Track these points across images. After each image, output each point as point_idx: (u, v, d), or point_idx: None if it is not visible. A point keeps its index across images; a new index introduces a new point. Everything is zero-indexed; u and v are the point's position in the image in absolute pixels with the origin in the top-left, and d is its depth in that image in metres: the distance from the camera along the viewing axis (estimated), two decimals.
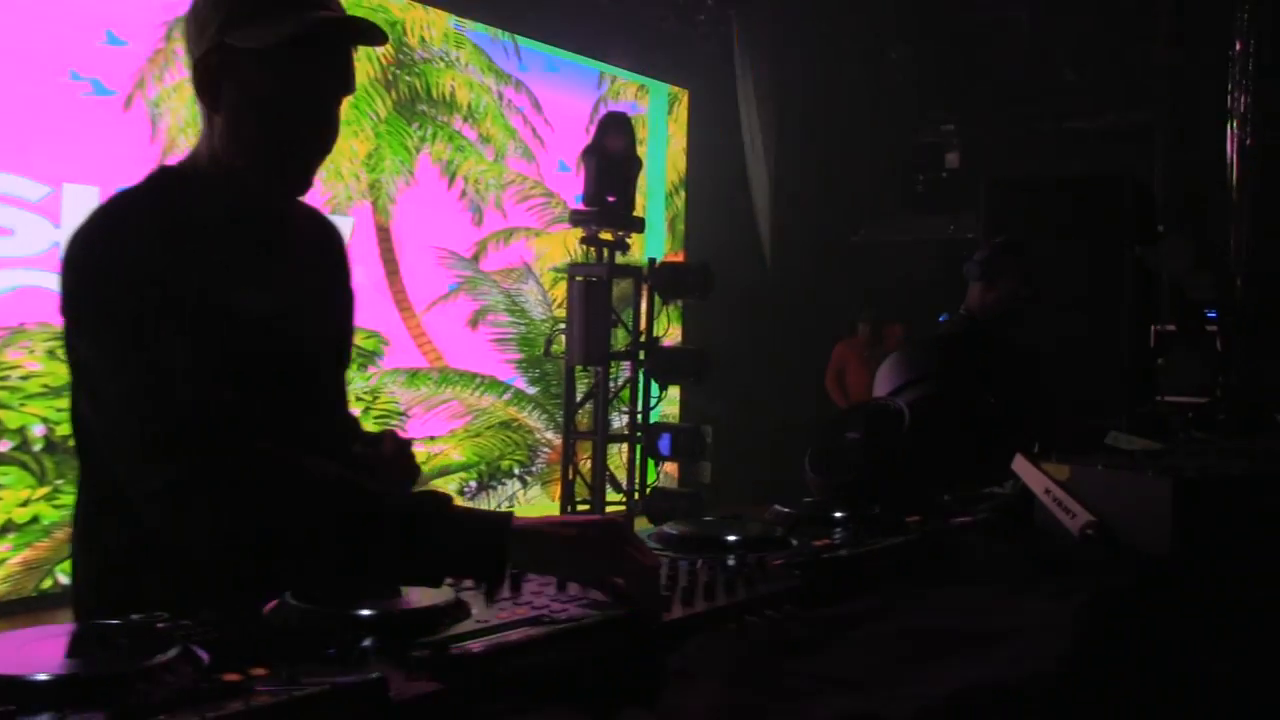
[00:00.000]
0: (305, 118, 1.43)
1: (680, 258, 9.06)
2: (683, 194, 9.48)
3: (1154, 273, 6.85)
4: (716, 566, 1.39)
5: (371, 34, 1.44)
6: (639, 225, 6.48)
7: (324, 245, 1.64)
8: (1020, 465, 1.83)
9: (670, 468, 8.62)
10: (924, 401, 2.32)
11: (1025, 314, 3.91)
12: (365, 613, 1.06)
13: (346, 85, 1.46)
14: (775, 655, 1.14)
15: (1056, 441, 2.34)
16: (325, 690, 0.82)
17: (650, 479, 6.87)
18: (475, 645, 0.96)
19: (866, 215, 10.56)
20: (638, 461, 6.58)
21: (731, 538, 1.54)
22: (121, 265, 1.31)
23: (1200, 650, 1.30)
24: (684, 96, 9.52)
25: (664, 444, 6.38)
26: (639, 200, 6.61)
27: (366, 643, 0.97)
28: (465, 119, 7.47)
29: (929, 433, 2.23)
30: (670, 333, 8.96)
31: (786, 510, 1.77)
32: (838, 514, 1.75)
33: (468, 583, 1.21)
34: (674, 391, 8.73)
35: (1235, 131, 8.59)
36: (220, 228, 1.42)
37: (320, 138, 1.45)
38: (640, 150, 8.47)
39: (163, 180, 1.46)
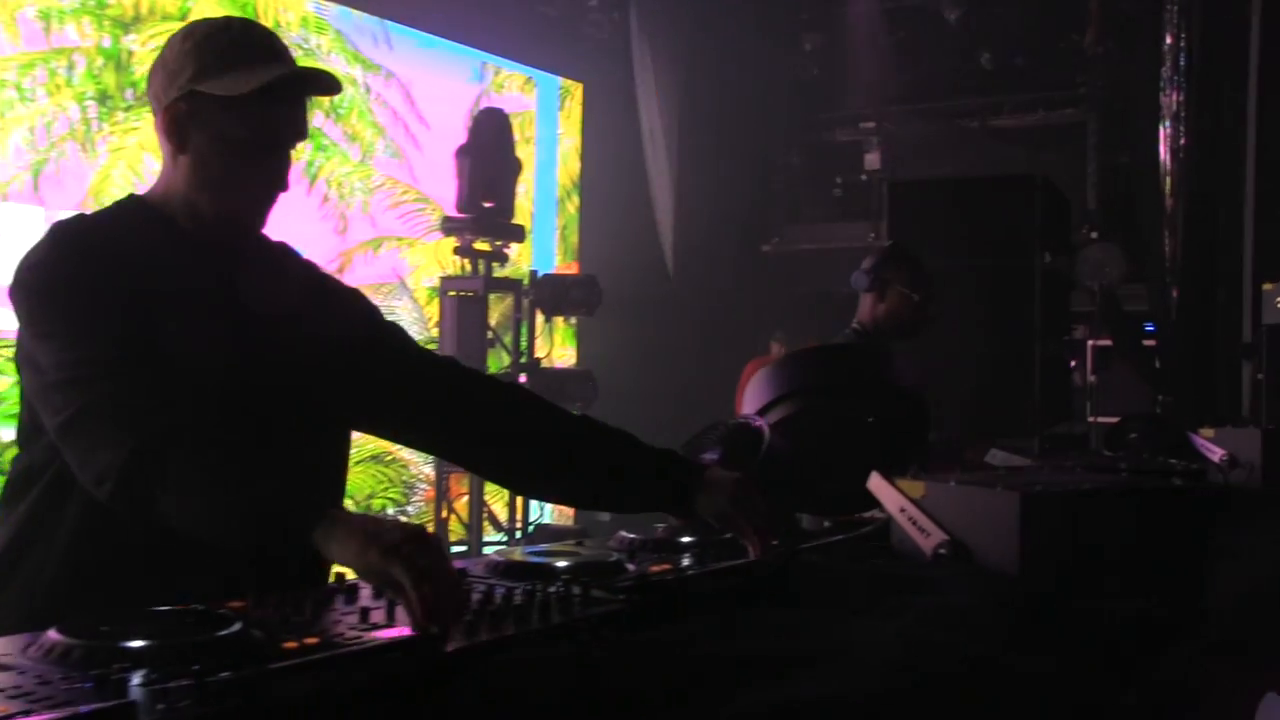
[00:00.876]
0: (266, 160, 1.78)
1: (574, 269, 9.16)
2: (575, 199, 9.59)
3: (1073, 282, 7.13)
4: (537, 593, 1.47)
5: (330, 85, 1.79)
6: (518, 234, 6.55)
7: (282, 274, 1.93)
8: (876, 484, 1.95)
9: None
10: (792, 420, 2.43)
11: (921, 327, 4.08)
12: (134, 644, 1.12)
13: (302, 132, 1.83)
14: (583, 679, 1.22)
15: (934, 460, 2.47)
16: (67, 717, 0.88)
17: (536, 516, 6.93)
18: (238, 674, 1.02)
19: (780, 222, 10.79)
20: (520, 497, 6.63)
21: (560, 564, 1.63)
22: (69, 270, 1.66)
23: (1033, 668, 1.42)
24: (577, 90, 9.63)
25: None
26: (525, 206, 6.70)
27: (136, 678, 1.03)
28: (327, 115, 7.49)
29: (797, 453, 2.33)
30: (563, 354, 9.04)
31: (631, 536, 1.86)
32: (687, 539, 1.85)
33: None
34: None
35: (1168, 130, 8.95)
36: (176, 253, 1.77)
37: (278, 179, 1.81)
38: (526, 150, 8.54)
39: (129, 205, 1.85)
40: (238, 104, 1.73)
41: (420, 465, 8.00)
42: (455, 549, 6.43)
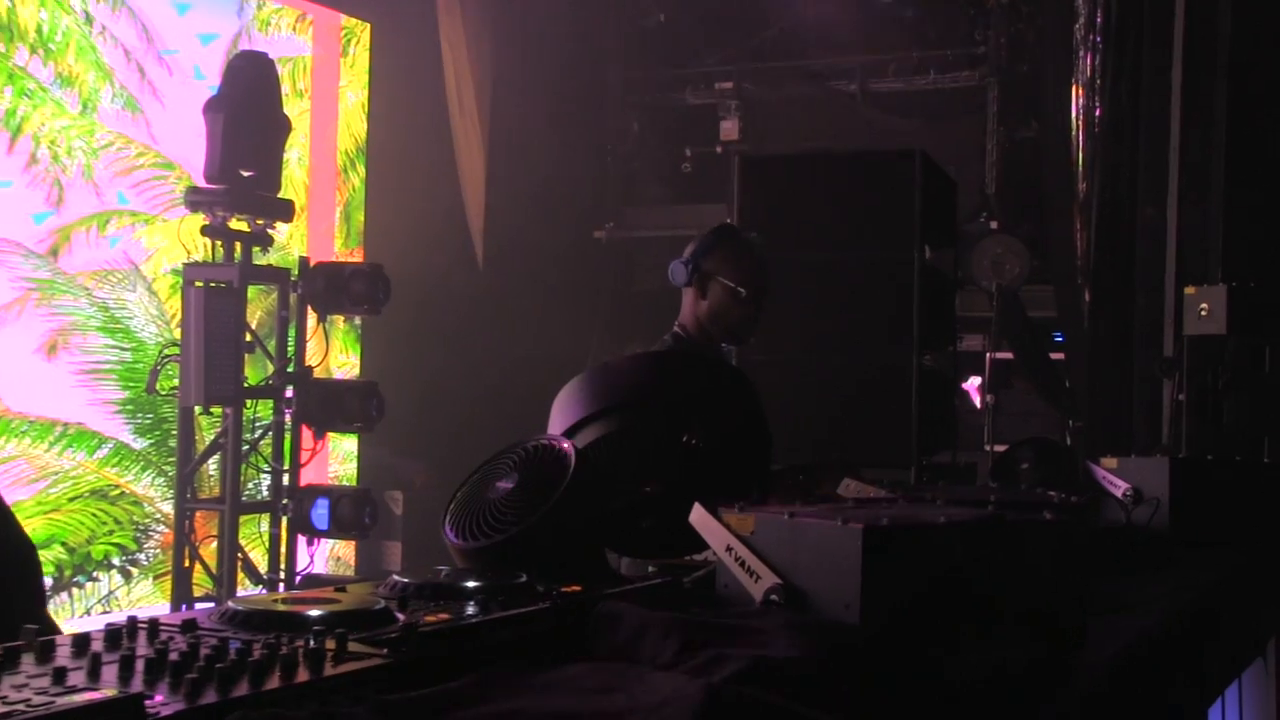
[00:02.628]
0: None
1: (357, 257, 9.14)
2: (360, 169, 9.56)
3: (963, 281, 7.39)
4: (285, 646, 1.53)
5: None
6: (286, 211, 6.54)
7: None
8: (699, 519, 2.05)
9: (346, 549, 8.65)
10: (605, 443, 2.52)
11: (750, 330, 4.22)
12: None
13: None
14: None
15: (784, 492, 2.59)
16: None
17: (305, 566, 6.91)
18: None
19: (616, 204, 10.94)
20: (285, 540, 6.61)
21: (315, 613, 1.68)
22: None
23: None
24: (364, 33, 9.59)
25: (320, 515, 6.45)
26: (296, 177, 6.68)
27: None
28: (33, 50, 7.33)
29: (609, 482, 2.42)
30: (343, 362, 9.02)
31: (404, 580, 1.92)
32: (472, 583, 1.92)
33: None
34: (347, 444, 8.78)
35: (1081, 100, 9.33)
36: None
37: None
38: (298, 106, 8.51)
39: None
40: None
41: (158, 502, 7.88)
42: (202, 605, 6.37)
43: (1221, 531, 3.87)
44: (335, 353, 7.87)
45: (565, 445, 2.26)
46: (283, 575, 6.70)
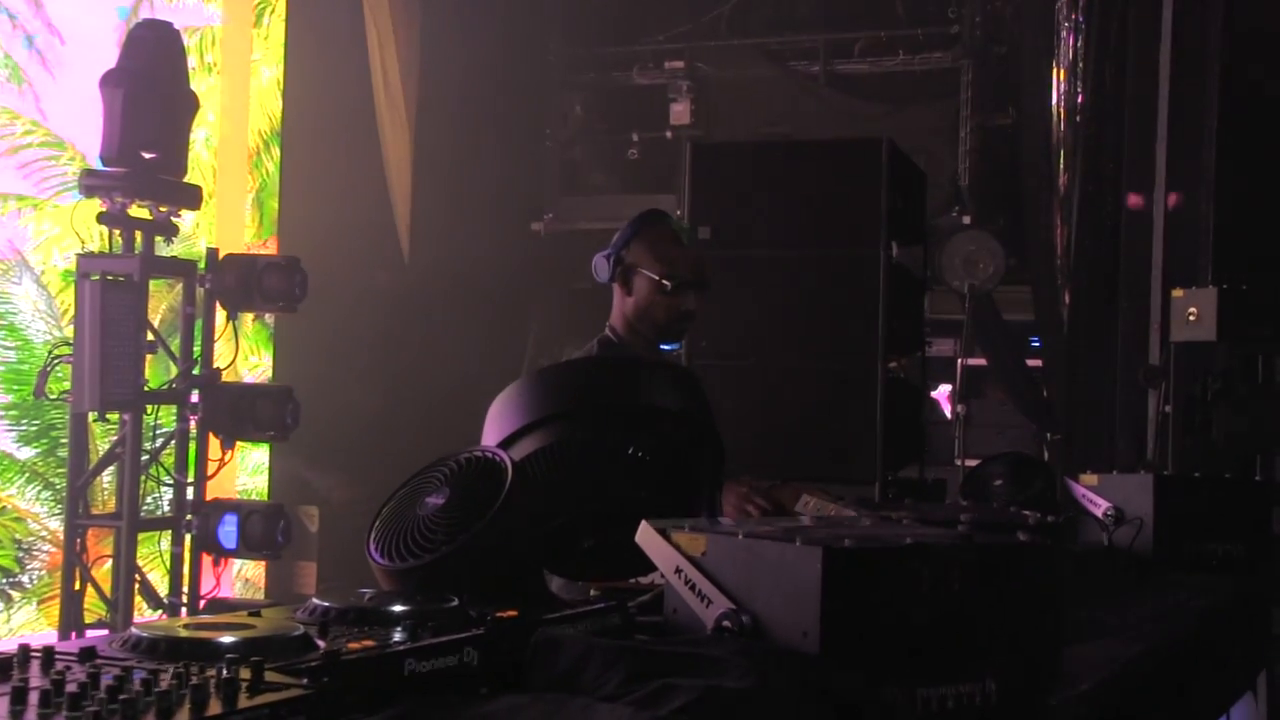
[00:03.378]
0: None
1: (271, 249, 9.12)
2: (275, 152, 9.54)
3: (933, 281, 7.44)
4: (195, 676, 1.53)
5: None
6: (193, 198, 6.51)
7: None
8: (646, 538, 2.07)
9: (255, 571, 8.63)
10: (543, 455, 2.54)
11: (680, 328, 4.23)
12: None
13: None
14: None
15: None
16: None
17: (211, 589, 6.87)
18: None
19: (556, 193, 10.94)
20: (188, 560, 6.58)
21: (227, 639, 1.69)
22: None
23: None
24: (280, 2, 9.57)
25: (227, 532, 6.43)
26: (204, 160, 6.65)
27: None
28: None
29: (547, 498, 2.44)
30: (255, 364, 9.00)
31: (325, 604, 1.93)
32: (399, 607, 1.93)
33: None
34: (259, 455, 8.75)
35: (1061, 85, 9.41)
36: None
37: None
38: (207, 82, 8.48)
39: None
40: None
41: (44, 519, 7.84)
42: (95, 633, 6.34)
43: (1209, 555, 3.92)
44: (246, 354, 7.85)
45: (500, 458, 2.28)
46: (185, 599, 6.67)
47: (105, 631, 6.38)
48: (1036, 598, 2.12)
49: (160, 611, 6.64)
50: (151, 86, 6.35)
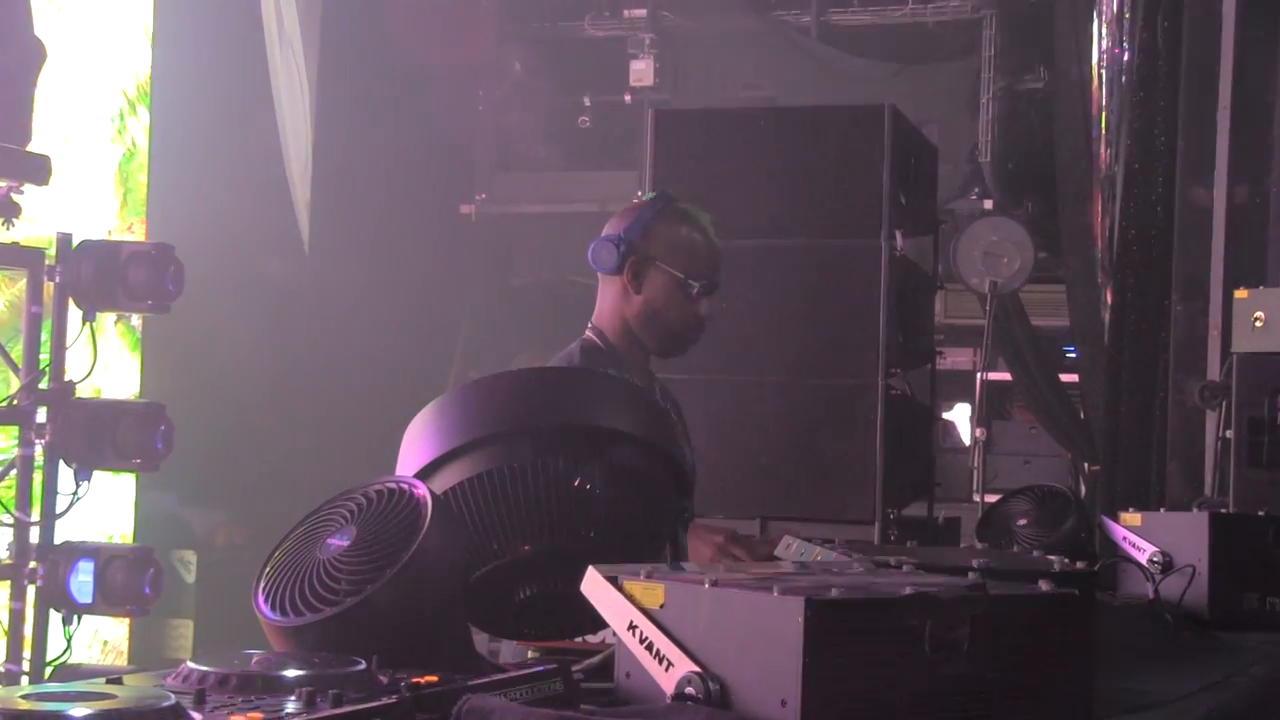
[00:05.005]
0: None
1: (139, 234, 9.08)
2: (144, 118, 9.50)
3: (944, 279, 7.45)
4: None
5: None
6: (41, 171, 6.48)
7: None
8: (594, 588, 2.09)
9: (117, 630, 8.58)
10: (470, 487, 2.55)
11: (695, 338, 4.25)
12: None
13: None
14: None
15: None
16: None
17: (60, 654, 6.84)
18: None
19: (489, 170, 10.92)
20: (32, 618, 6.54)
21: (80, 713, 1.70)
22: None
23: None
24: None
25: (81, 583, 6.39)
26: (53, 126, 6.60)
27: None
28: None
29: (475, 539, 2.46)
30: (118, 376, 8.95)
31: (202, 668, 1.95)
32: (294, 671, 1.95)
33: None
34: (123, 487, 8.71)
35: (1105, 42, 9.43)
36: None
37: None
38: (57, 31, 8.44)
39: None
40: None
41: None
42: None
43: (1274, 611, 3.94)
44: (106, 363, 7.81)
45: (419, 490, 2.29)
46: (27, 665, 6.62)
47: None
48: (1062, 661, 2.13)
49: None
50: None
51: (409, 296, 9.72)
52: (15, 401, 6.64)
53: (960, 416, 10.28)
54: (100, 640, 8.54)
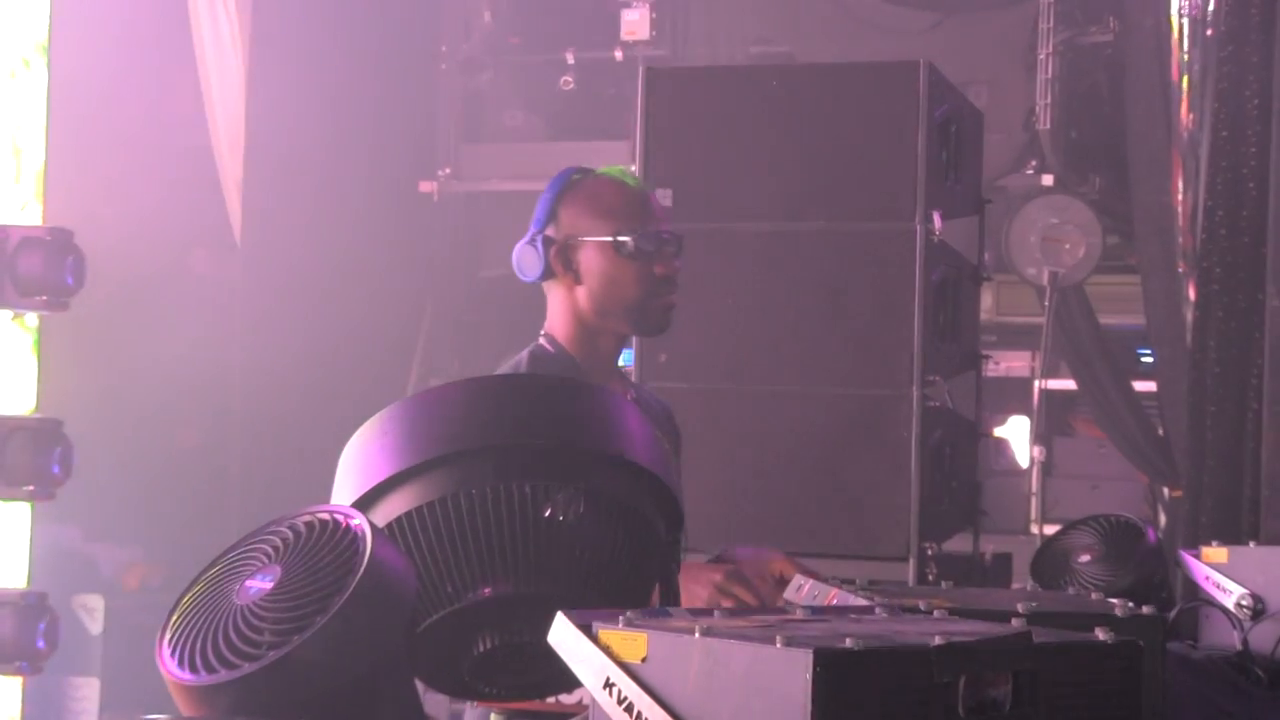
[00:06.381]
0: None
1: (34, 217, 9.08)
2: (42, 77, 9.51)
3: (989, 270, 7.45)
4: None
5: None
6: None
7: None
8: (564, 638, 2.08)
9: (8, 689, 8.59)
10: (419, 518, 2.54)
11: (663, 317, 4.25)
12: None
13: None
14: None
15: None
16: None
17: None
18: None
19: (453, 141, 10.92)
20: None
21: None
22: None
23: None
24: None
25: None
26: None
27: None
28: None
29: (425, 579, 2.45)
30: (5, 382, 8.96)
31: None
32: None
33: None
34: (8, 518, 8.72)
35: None
36: None
37: None
38: None
39: None
40: None
41: None
42: None
43: None
44: None
45: (356, 522, 2.29)
46: None
47: None
48: None
49: None
50: None
51: (359, 292, 9.70)
52: None
53: (1014, 433, 10.26)
54: None
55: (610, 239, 4.15)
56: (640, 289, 4.20)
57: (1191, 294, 9.18)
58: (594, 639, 2.07)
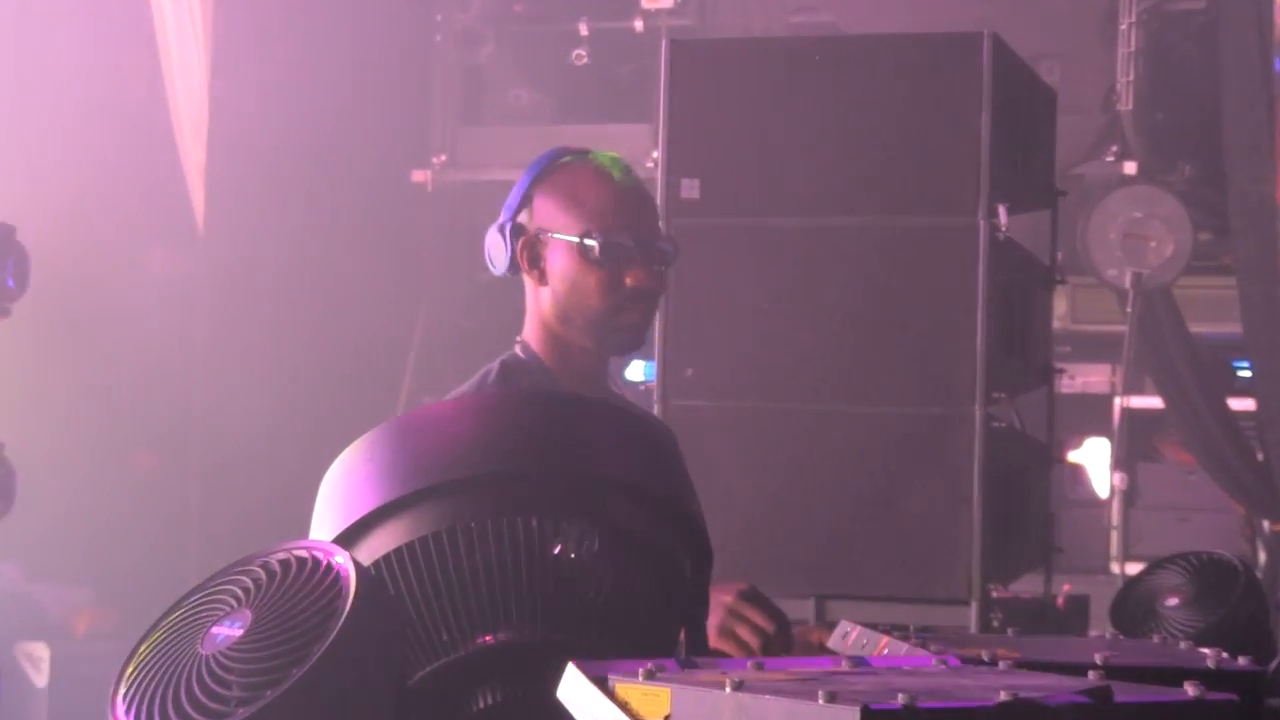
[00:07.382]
0: None
1: None
2: None
3: (1065, 273, 7.45)
4: None
5: None
6: None
7: None
8: (575, 692, 2.08)
9: None
10: (410, 555, 2.55)
11: (635, 333, 4.23)
12: None
13: None
14: None
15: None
16: None
17: None
18: None
19: (450, 123, 10.93)
20: None
21: None
22: None
23: None
24: None
25: None
26: None
27: None
28: None
29: (416, 626, 2.46)
30: None
31: None
32: None
33: None
34: None
35: None
36: None
37: None
38: None
39: None
40: None
41: None
42: None
43: None
44: None
45: (339, 560, 2.29)
46: None
47: None
48: None
49: None
50: None
51: (342, 294, 9.72)
52: None
53: (1092, 457, 10.25)
54: None
55: (577, 239, 4.13)
56: (603, 301, 4.16)
57: None
58: (609, 694, 2.07)
